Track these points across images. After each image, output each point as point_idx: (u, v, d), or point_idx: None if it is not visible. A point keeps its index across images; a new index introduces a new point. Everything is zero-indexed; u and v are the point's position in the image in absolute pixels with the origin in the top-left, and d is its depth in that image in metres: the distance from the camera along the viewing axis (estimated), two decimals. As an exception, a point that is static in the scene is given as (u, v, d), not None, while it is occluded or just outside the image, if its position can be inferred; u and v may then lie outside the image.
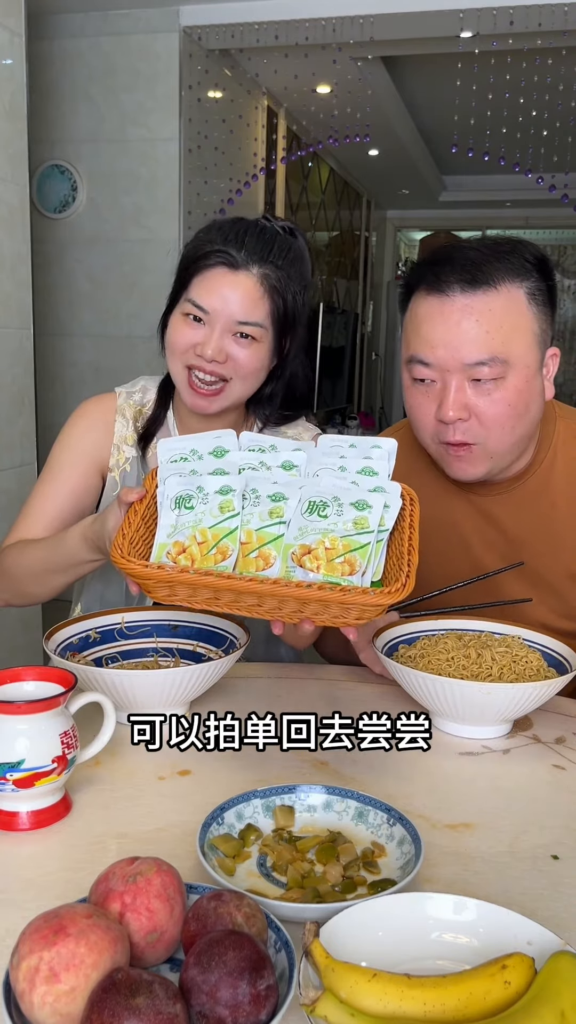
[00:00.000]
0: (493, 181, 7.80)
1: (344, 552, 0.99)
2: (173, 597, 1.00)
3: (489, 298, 1.13)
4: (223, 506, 1.03)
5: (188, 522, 1.03)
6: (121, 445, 1.41)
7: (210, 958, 0.60)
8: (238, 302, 1.26)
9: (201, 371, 1.28)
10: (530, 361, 1.16)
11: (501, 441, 1.19)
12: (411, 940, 0.70)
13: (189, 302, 1.27)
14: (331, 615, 0.97)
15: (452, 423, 1.17)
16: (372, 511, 1.01)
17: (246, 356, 1.28)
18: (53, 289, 4.21)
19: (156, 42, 4.03)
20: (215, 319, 1.26)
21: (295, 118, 5.75)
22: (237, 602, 0.98)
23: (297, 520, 1.02)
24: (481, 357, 1.13)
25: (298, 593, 0.93)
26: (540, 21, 3.76)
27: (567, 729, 1.17)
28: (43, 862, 0.85)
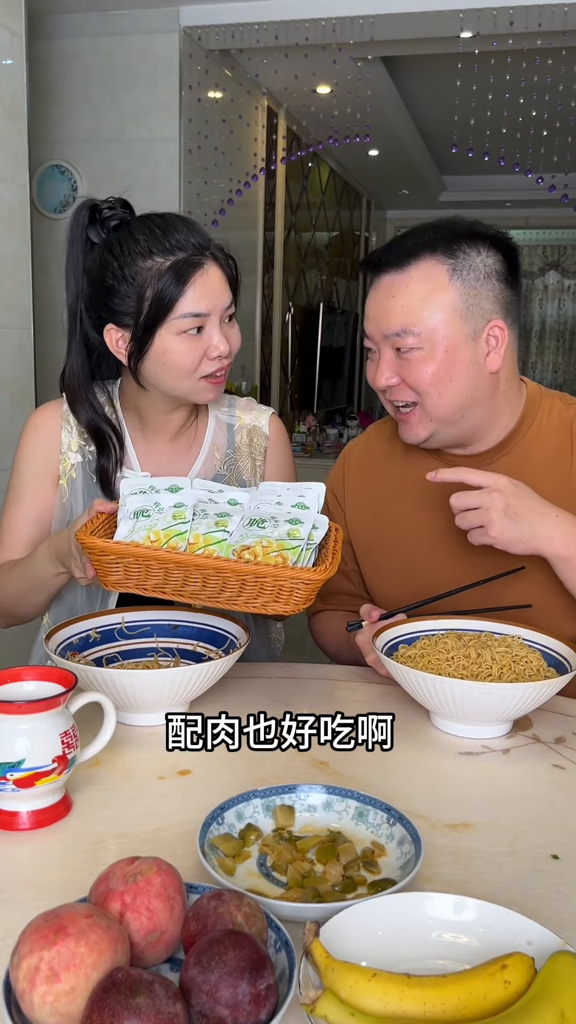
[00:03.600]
0: (493, 181, 7.80)
1: (278, 549, 1.13)
2: (125, 581, 1.13)
3: (407, 275, 1.25)
4: (176, 515, 1.17)
5: (143, 525, 1.16)
6: (67, 453, 1.41)
7: (210, 958, 0.60)
8: (220, 291, 1.29)
9: (218, 370, 1.30)
10: (449, 333, 1.24)
11: (434, 406, 1.28)
12: (411, 940, 0.70)
13: (184, 318, 1.25)
14: (265, 599, 1.11)
15: (382, 389, 1.30)
16: (303, 526, 1.18)
17: (235, 335, 1.33)
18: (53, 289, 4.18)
19: (156, 42, 4.02)
20: (212, 317, 1.28)
21: (295, 118, 5.75)
22: (183, 587, 1.12)
23: (239, 530, 1.17)
24: (395, 329, 1.25)
25: (236, 567, 1.08)
26: (540, 21, 3.75)
27: (567, 729, 1.17)
28: (43, 862, 0.85)
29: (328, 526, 1.22)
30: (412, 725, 1.17)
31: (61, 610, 1.45)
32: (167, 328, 1.26)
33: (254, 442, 1.46)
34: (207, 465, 1.44)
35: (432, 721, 1.17)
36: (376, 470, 1.48)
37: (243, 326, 1.38)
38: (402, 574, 1.42)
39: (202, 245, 1.28)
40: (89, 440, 1.41)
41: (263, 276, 5.48)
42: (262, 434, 1.47)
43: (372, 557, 1.46)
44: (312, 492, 1.26)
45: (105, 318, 1.30)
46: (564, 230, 9.30)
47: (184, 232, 1.28)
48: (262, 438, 1.47)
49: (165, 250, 1.25)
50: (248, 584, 1.10)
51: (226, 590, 1.12)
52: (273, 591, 1.11)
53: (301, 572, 1.09)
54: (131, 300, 1.26)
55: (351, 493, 1.48)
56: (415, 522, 1.41)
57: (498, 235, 1.29)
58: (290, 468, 1.51)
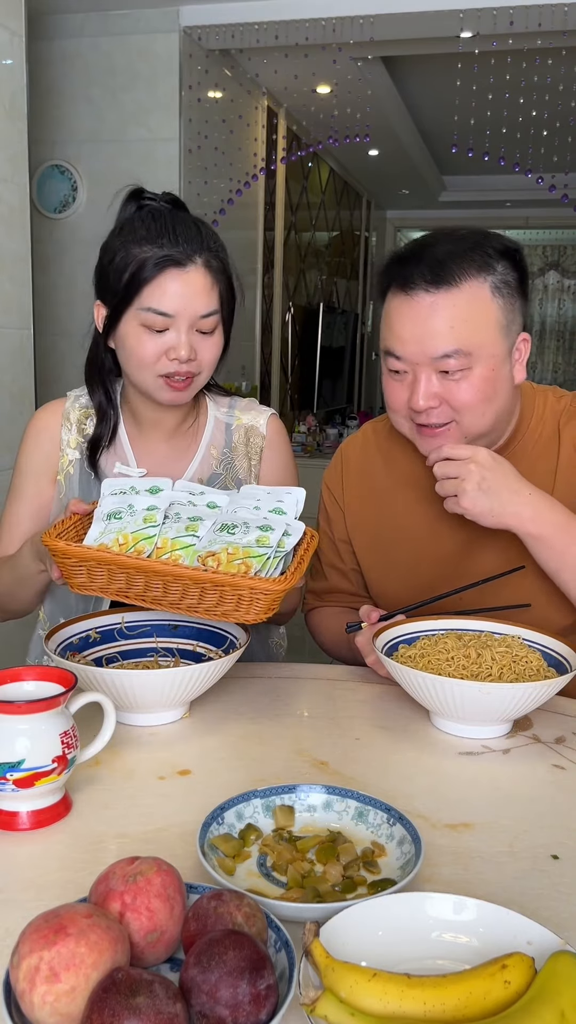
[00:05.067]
0: (493, 181, 7.79)
1: (243, 557, 1.12)
2: (90, 585, 1.13)
3: (452, 295, 1.20)
4: (147, 519, 1.17)
5: (113, 528, 1.16)
6: (65, 450, 1.44)
7: (210, 958, 0.60)
8: (196, 295, 1.27)
9: (177, 374, 1.29)
10: (496, 351, 1.23)
11: (473, 424, 1.27)
12: (411, 940, 0.70)
13: (148, 311, 1.26)
14: (225, 608, 1.10)
15: (423, 411, 1.25)
16: (273, 533, 1.16)
17: (209, 347, 1.31)
18: (53, 289, 4.21)
19: (156, 42, 4.02)
20: (180, 320, 1.27)
21: (295, 118, 5.75)
22: (145, 592, 1.12)
23: (208, 535, 1.16)
24: (446, 350, 1.20)
25: (194, 575, 1.07)
26: (540, 21, 3.75)
27: (567, 729, 1.17)
28: (43, 862, 0.85)
29: (303, 532, 1.20)
30: (412, 725, 1.17)
31: (57, 606, 1.46)
32: (131, 315, 1.28)
33: (251, 442, 1.46)
34: (203, 464, 1.44)
35: (432, 721, 1.17)
36: (374, 468, 1.48)
37: (243, 326, 1.39)
38: (403, 571, 1.42)
39: (194, 249, 1.27)
40: (89, 436, 1.43)
41: (263, 276, 5.47)
42: (259, 434, 1.47)
43: (372, 555, 1.46)
44: (291, 497, 1.25)
45: (97, 293, 1.34)
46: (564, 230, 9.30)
47: (185, 234, 1.28)
48: (259, 438, 1.47)
49: (157, 244, 1.26)
50: (208, 592, 1.09)
51: (187, 597, 1.11)
52: (233, 600, 1.09)
53: (260, 582, 1.06)
54: (115, 280, 1.28)
55: (350, 491, 1.48)
56: (415, 518, 1.41)
57: (519, 249, 1.27)
58: (290, 469, 1.51)
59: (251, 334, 5.37)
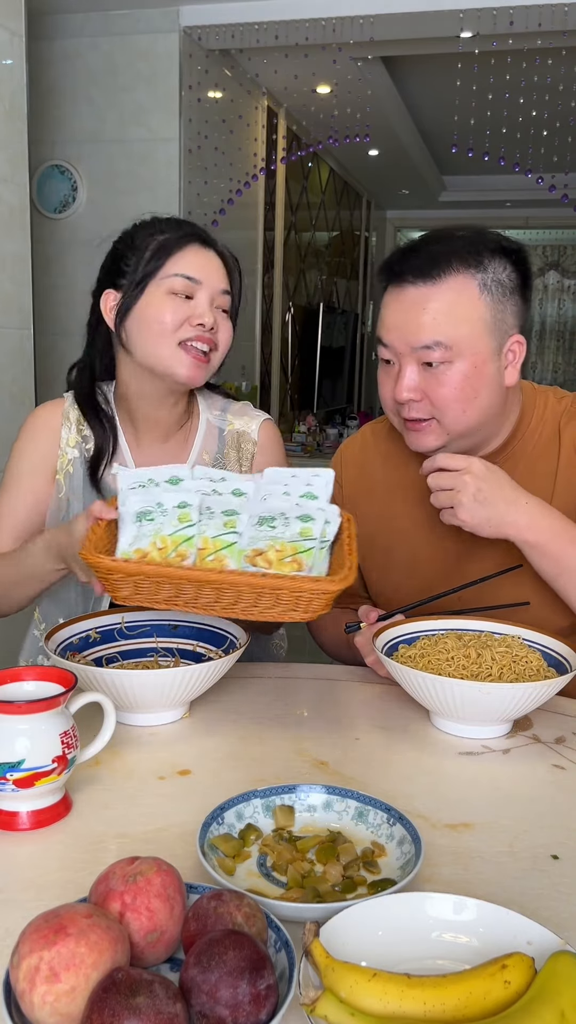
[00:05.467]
0: (493, 181, 7.80)
1: (292, 553, 1.10)
2: (135, 596, 1.08)
3: (438, 288, 1.22)
4: (181, 517, 1.12)
5: (149, 531, 1.11)
6: (65, 448, 1.44)
7: (210, 958, 0.60)
8: (217, 272, 1.33)
9: (199, 340, 1.30)
10: (480, 348, 1.23)
11: (455, 421, 1.26)
12: (411, 940, 0.70)
13: (177, 277, 1.30)
14: (282, 609, 1.07)
15: (405, 403, 1.26)
16: (315, 522, 1.13)
17: (227, 328, 1.35)
18: (53, 289, 4.21)
19: (156, 42, 4.02)
20: (205, 287, 1.31)
21: (295, 118, 5.75)
22: (196, 599, 1.07)
23: (249, 531, 1.13)
24: (426, 341, 1.22)
25: (252, 581, 1.03)
26: (540, 21, 3.75)
27: (567, 729, 1.17)
28: (43, 862, 0.85)
29: (340, 517, 1.17)
30: (412, 725, 1.17)
31: (54, 605, 1.45)
32: (157, 284, 1.30)
33: (242, 448, 1.46)
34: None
35: (432, 721, 1.17)
36: (372, 469, 1.48)
37: (243, 326, 1.40)
38: (401, 572, 1.42)
39: (213, 238, 1.35)
40: (87, 437, 1.43)
41: (263, 276, 5.47)
42: (250, 440, 1.46)
43: (371, 556, 1.46)
44: (320, 480, 1.22)
45: (105, 285, 1.37)
46: (564, 230, 9.30)
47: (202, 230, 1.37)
48: (250, 444, 1.46)
49: (174, 231, 1.34)
50: (264, 595, 1.06)
51: (241, 601, 1.07)
52: (291, 601, 1.06)
53: (319, 583, 1.03)
54: (132, 262, 1.33)
55: (348, 492, 1.48)
56: (413, 520, 1.41)
57: (519, 249, 1.28)
58: None
59: (251, 334, 5.37)
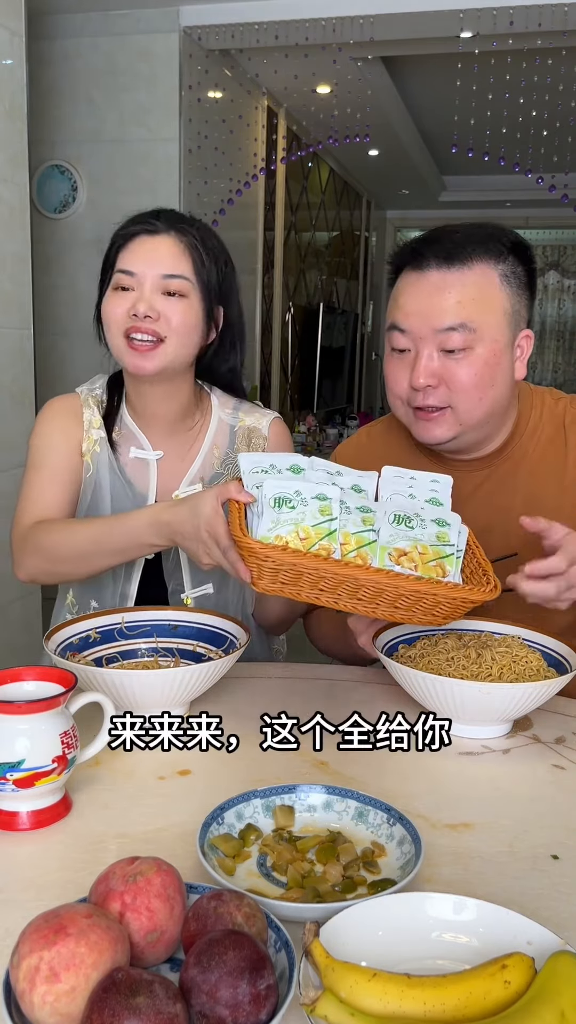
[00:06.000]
0: (493, 181, 7.79)
1: (435, 558, 1.08)
2: (280, 588, 1.07)
3: (463, 274, 1.23)
4: (322, 510, 1.09)
5: (289, 519, 1.08)
6: (90, 430, 1.45)
7: (210, 958, 0.60)
8: (161, 258, 1.33)
9: (138, 331, 1.32)
10: (498, 336, 1.25)
11: (470, 410, 1.26)
12: (411, 940, 0.70)
13: (118, 273, 1.34)
14: (420, 613, 1.06)
15: (422, 389, 1.25)
16: (451, 528, 1.11)
17: (177, 312, 1.33)
18: (53, 289, 4.21)
19: (156, 42, 4.02)
20: (143, 278, 1.33)
21: (295, 118, 5.75)
22: (339, 598, 1.06)
23: (387, 528, 1.09)
24: (451, 323, 1.22)
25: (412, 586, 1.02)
26: (540, 21, 3.75)
27: (567, 729, 1.17)
28: (43, 862, 0.85)
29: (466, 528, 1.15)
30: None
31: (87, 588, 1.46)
32: (110, 285, 1.36)
33: (252, 443, 1.48)
34: (205, 464, 1.46)
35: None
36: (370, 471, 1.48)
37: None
38: None
39: (169, 223, 1.35)
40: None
41: (263, 276, 5.47)
42: (261, 435, 1.48)
43: None
44: (441, 486, 1.19)
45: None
46: (564, 230, 9.30)
47: (166, 215, 1.37)
48: (260, 439, 1.48)
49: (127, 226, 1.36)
50: (412, 600, 1.05)
51: (382, 603, 1.06)
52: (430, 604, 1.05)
53: (471, 593, 1.03)
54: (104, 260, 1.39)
55: None
56: None
57: (530, 247, 1.31)
58: None
59: (251, 334, 5.37)
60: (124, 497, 1.42)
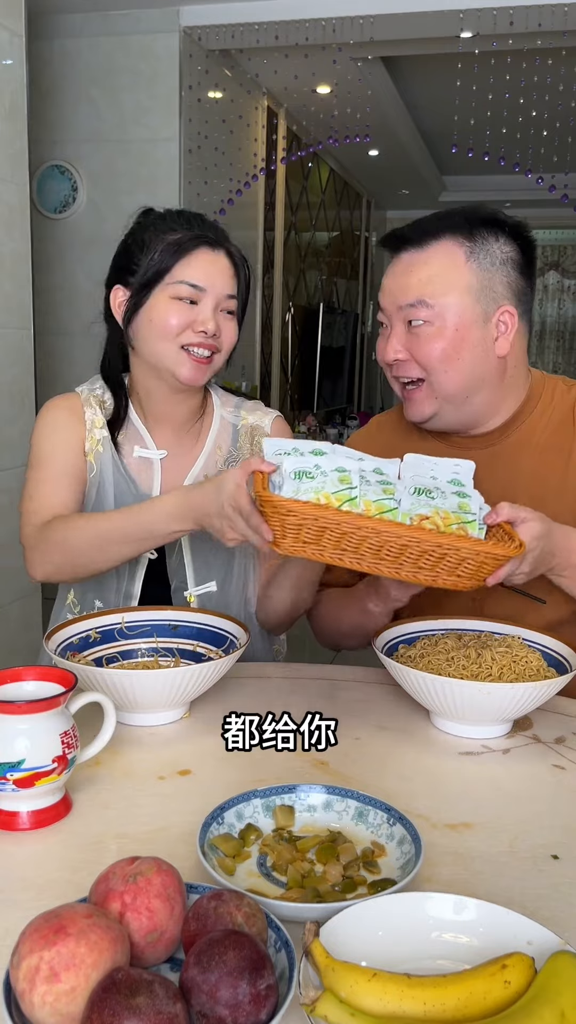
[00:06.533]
0: (493, 181, 7.79)
1: (457, 522, 1.08)
2: (303, 548, 1.07)
3: (426, 253, 1.30)
4: (342, 479, 1.10)
5: (309, 487, 1.08)
6: (92, 429, 1.45)
7: (210, 958, 0.60)
8: (225, 276, 1.35)
9: (201, 347, 1.33)
10: (463, 311, 1.28)
11: (442, 383, 1.31)
12: (411, 940, 0.70)
13: (182, 284, 1.32)
14: (444, 573, 1.07)
15: (391, 362, 1.33)
16: (472, 500, 1.13)
17: (230, 330, 1.37)
18: (53, 289, 4.21)
19: (156, 42, 4.02)
20: (209, 295, 1.33)
21: (295, 118, 5.75)
22: (362, 558, 1.07)
23: (407, 499, 1.11)
24: (410, 300, 1.29)
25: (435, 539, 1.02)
26: (540, 21, 3.75)
27: (567, 729, 1.17)
28: (43, 862, 0.85)
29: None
30: (412, 725, 1.17)
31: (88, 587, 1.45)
32: (162, 289, 1.33)
33: (255, 441, 1.48)
34: (209, 462, 1.46)
35: (432, 721, 1.17)
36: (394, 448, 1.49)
37: (244, 326, 1.40)
38: None
39: (223, 237, 1.37)
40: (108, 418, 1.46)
41: (263, 276, 5.47)
42: (263, 433, 1.49)
43: None
44: (463, 468, 1.20)
45: (114, 280, 1.39)
46: (564, 230, 9.29)
47: (212, 226, 1.38)
48: (263, 437, 1.47)
49: (185, 228, 1.35)
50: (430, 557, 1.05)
51: (407, 561, 1.06)
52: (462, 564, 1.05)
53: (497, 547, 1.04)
54: (141, 261, 1.35)
55: None
56: None
57: (517, 225, 1.34)
58: None
59: (251, 334, 5.37)
60: (128, 496, 1.42)
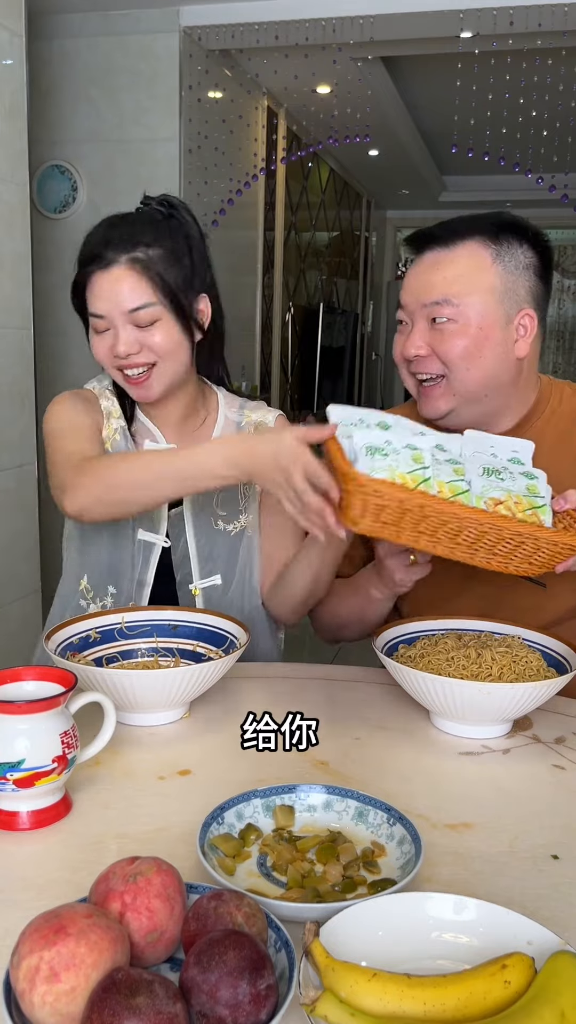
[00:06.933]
0: (493, 181, 7.78)
1: (529, 507, 1.10)
2: (381, 528, 1.06)
3: (453, 253, 1.31)
4: (415, 458, 1.09)
5: (383, 466, 1.07)
6: (110, 418, 1.46)
7: (210, 958, 0.60)
8: (121, 294, 1.32)
9: (127, 367, 1.35)
10: (487, 312, 1.30)
11: (462, 380, 1.31)
12: (411, 940, 0.70)
13: (92, 317, 1.35)
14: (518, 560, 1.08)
15: (412, 359, 1.33)
16: (539, 481, 1.14)
17: (158, 339, 1.33)
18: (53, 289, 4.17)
19: (156, 42, 4.02)
20: (111, 319, 1.33)
21: (295, 118, 5.74)
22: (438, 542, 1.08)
23: (478, 480, 1.11)
24: (435, 298, 1.30)
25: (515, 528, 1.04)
26: (540, 21, 3.75)
27: (567, 729, 1.17)
28: (43, 862, 0.85)
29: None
30: (412, 725, 1.17)
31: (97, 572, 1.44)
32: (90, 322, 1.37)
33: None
34: None
35: (432, 721, 1.17)
36: None
37: (243, 326, 1.41)
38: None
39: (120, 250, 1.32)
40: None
41: (263, 276, 5.47)
42: (267, 429, 1.48)
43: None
44: (523, 448, 1.21)
45: None
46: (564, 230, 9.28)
47: (117, 235, 1.33)
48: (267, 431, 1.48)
49: (88, 249, 1.36)
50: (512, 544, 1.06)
51: (481, 548, 1.08)
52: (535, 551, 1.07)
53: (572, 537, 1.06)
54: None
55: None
56: None
57: (538, 232, 1.36)
58: None
59: (251, 334, 5.37)
60: None
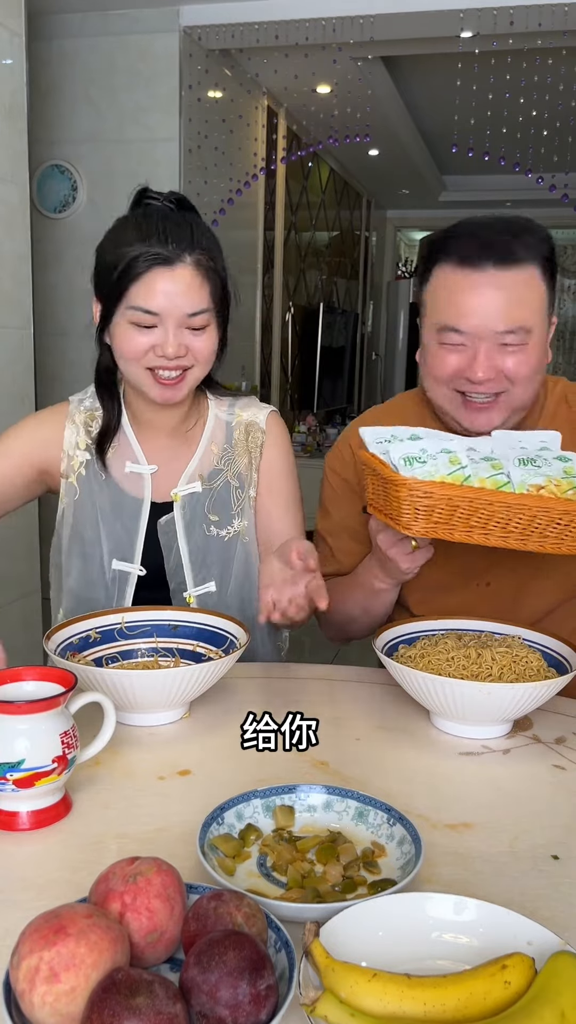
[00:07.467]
0: (493, 181, 7.79)
1: (570, 488, 1.13)
2: (434, 528, 1.11)
3: (515, 274, 1.27)
4: (452, 460, 1.14)
5: (423, 472, 1.13)
6: (72, 452, 1.43)
7: (210, 958, 0.60)
8: (183, 295, 1.27)
9: (165, 368, 1.31)
10: (543, 328, 1.33)
11: (522, 395, 1.33)
12: (411, 940, 0.70)
13: (134, 310, 1.27)
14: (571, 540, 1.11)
15: (481, 383, 1.29)
16: (572, 463, 1.16)
17: (202, 344, 1.31)
18: (53, 289, 4.20)
19: (156, 42, 4.02)
20: (166, 319, 1.28)
21: (295, 118, 5.74)
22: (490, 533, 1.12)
23: (516, 471, 1.15)
24: (510, 327, 1.27)
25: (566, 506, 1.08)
26: (540, 21, 3.75)
27: (567, 729, 1.17)
28: (43, 862, 0.85)
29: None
30: (412, 725, 1.17)
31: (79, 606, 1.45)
32: (121, 313, 1.29)
33: (250, 437, 1.47)
34: (204, 460, 1.45)
35: (432, 721, 1.17)
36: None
37: (243, 326, 1.40)
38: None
39: (183, 248, 1.27)
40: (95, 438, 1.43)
41: (263, 276, 5.47)
42: (259, 429, 1.48)
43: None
44: (550, 438, 1.25)
45: (95, 289, 1.35)
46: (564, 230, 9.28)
47: (175, 232, 1.28)
48: (259, 433, 1.47)
49: (146, 243, 1.27)
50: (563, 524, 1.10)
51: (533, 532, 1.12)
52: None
53: None
54: (106, 278, 1.30)
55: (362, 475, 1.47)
56: None
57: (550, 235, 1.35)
58: (291, 464, 1.50)
59: (251, 334, 5.36)
60: (120, 503, 1.42)
